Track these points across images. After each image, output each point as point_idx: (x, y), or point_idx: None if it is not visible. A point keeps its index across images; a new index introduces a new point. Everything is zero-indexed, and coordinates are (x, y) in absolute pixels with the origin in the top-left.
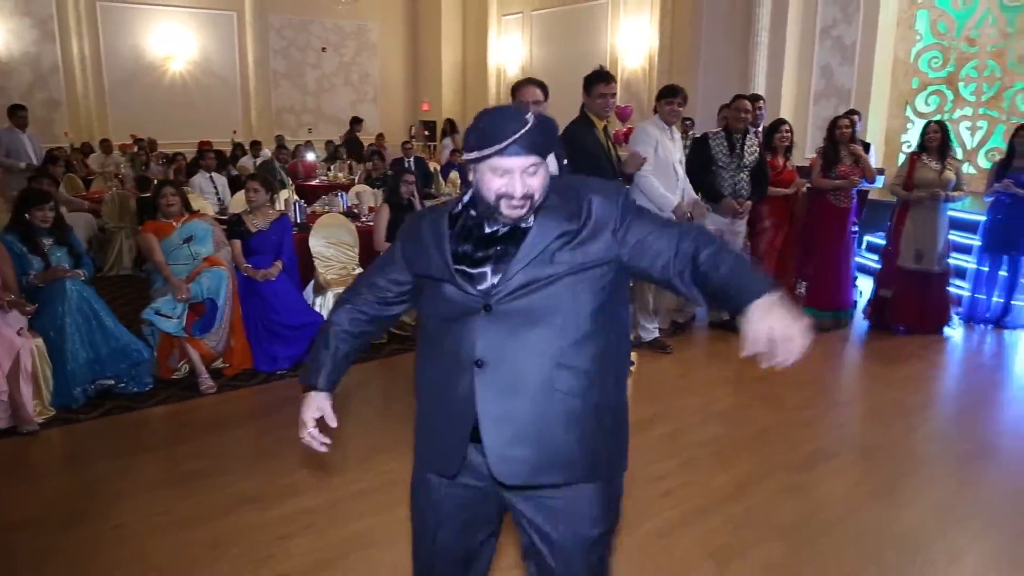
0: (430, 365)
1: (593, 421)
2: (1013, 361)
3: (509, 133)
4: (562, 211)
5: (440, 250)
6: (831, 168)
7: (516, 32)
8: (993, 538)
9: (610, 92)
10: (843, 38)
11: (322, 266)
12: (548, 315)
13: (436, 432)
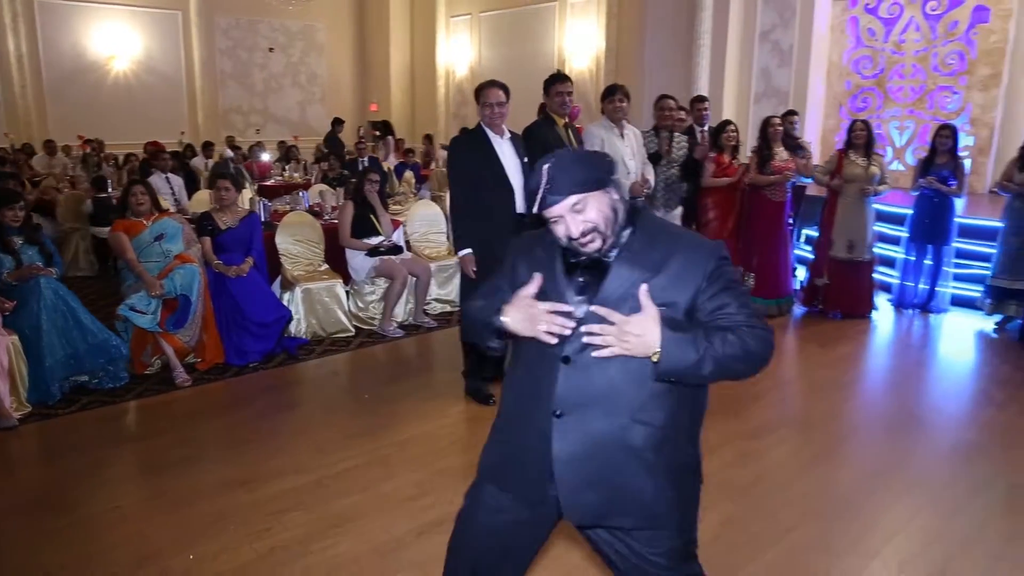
0: (515, 393)
1: (666, 474)
2: (937, 342)
3: (536, 188)
4: (643, 259)
5: (552, 288)
6: (765, 165)
7: (464, 33)
8: (916, 496)
9: (566, 91)
10: (781, 42)
11: (289, 263)
12: (623, 372)
13: (515, 460)
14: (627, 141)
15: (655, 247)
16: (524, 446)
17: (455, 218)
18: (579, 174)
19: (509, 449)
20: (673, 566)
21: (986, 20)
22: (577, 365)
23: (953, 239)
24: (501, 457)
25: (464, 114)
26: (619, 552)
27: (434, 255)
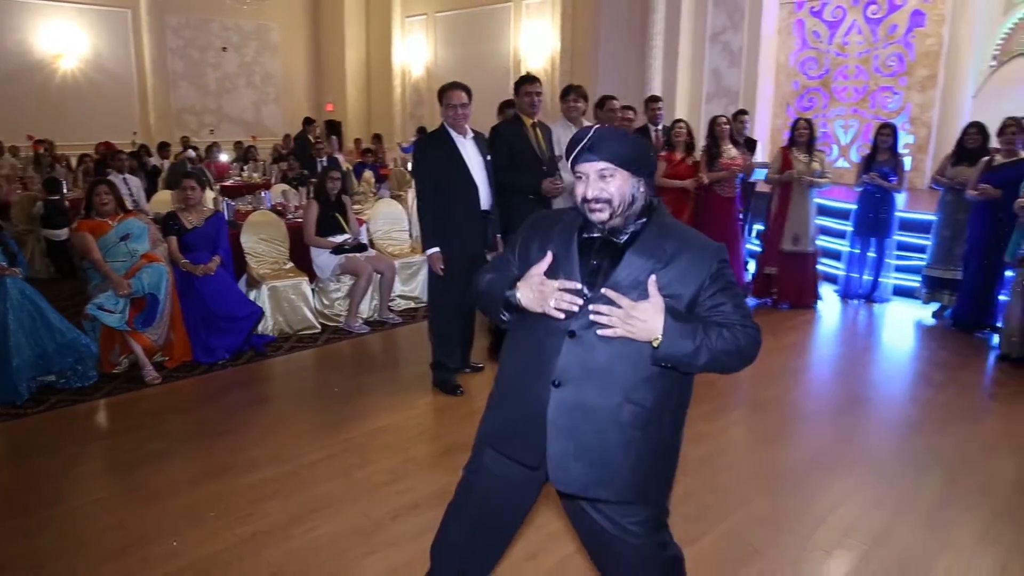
0: (516, 364)
1: (648, 452)
2: (880, 330)
3: (579, 141)
4: (654, 251)
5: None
6: (714, 162)
7: (420, 33)
8: (859, 469)
9: (535, 91)
10: (731, 43)
11: (254, 261)
12: (623, 353)
13: (512, 425)
14: None
15: (666, 241)
16: (523, 413)
17: (422, 217)
18: (621, 149)
19: (508, 415)
20: (646, 534)
21: (922, 24)
22: (581, 340)
23: (894, 232)
24: (500, 423)
25: (420, 114)
26: (594, 529)
27: (397, 252)
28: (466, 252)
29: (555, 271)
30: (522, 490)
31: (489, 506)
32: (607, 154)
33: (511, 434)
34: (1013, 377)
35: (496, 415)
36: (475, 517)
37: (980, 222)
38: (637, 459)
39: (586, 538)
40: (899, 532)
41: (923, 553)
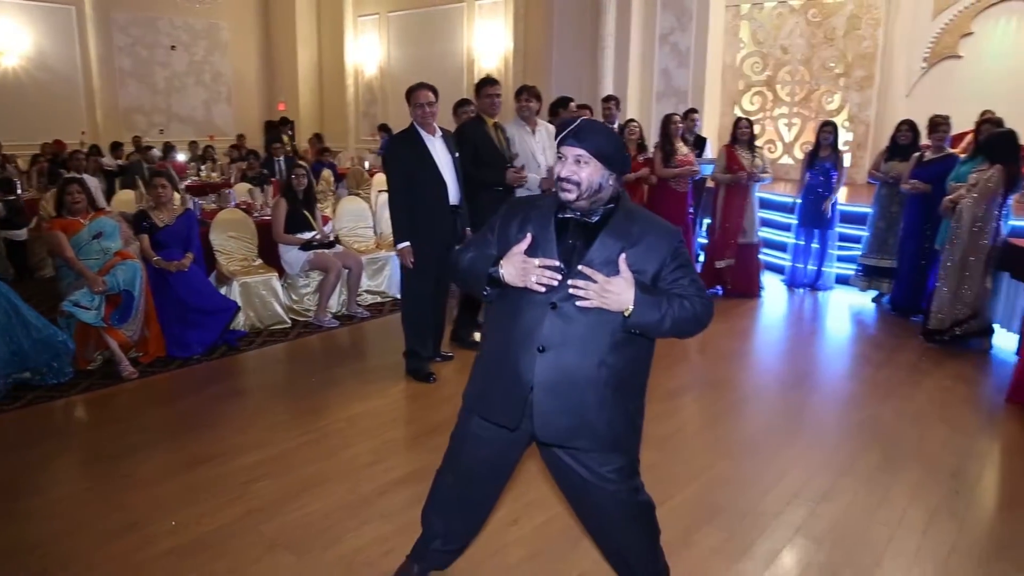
0: (501, 333)
1: (619, 409)
2: (823, 315)
3: (567, 126)
4: (623, 233)
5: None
6: (670, 159)
7: (373, 33)
8: (806, 438)
9: (495, 93)
10: (679, 44)
11: (224, 258)
12: (601, 321)
13: (497, 390)
14: (538, 138)
15: (633, 225)
16: (509, 376)
17: (393, 213)
18: (599, 142)
19: (493, 379)
20: (621, 480)
21: (859, 27)
22: (561, 312)
23: (836, 224)
24: (485, 387)
25: (373, 113)
26: (574, 479)
27: (363, 248)
28: (436, 246)
29: (534, 250)
30: (507, 451)
31: (477, 468)
32: (586, 143)
33: (495, 398)
34: (944, 356)
35: (482, 382)
36: (464, 479)
37: (913, 214)
38: (611, 413)
39: (567, 488)
40: (842, 491)
41: (863, 508)
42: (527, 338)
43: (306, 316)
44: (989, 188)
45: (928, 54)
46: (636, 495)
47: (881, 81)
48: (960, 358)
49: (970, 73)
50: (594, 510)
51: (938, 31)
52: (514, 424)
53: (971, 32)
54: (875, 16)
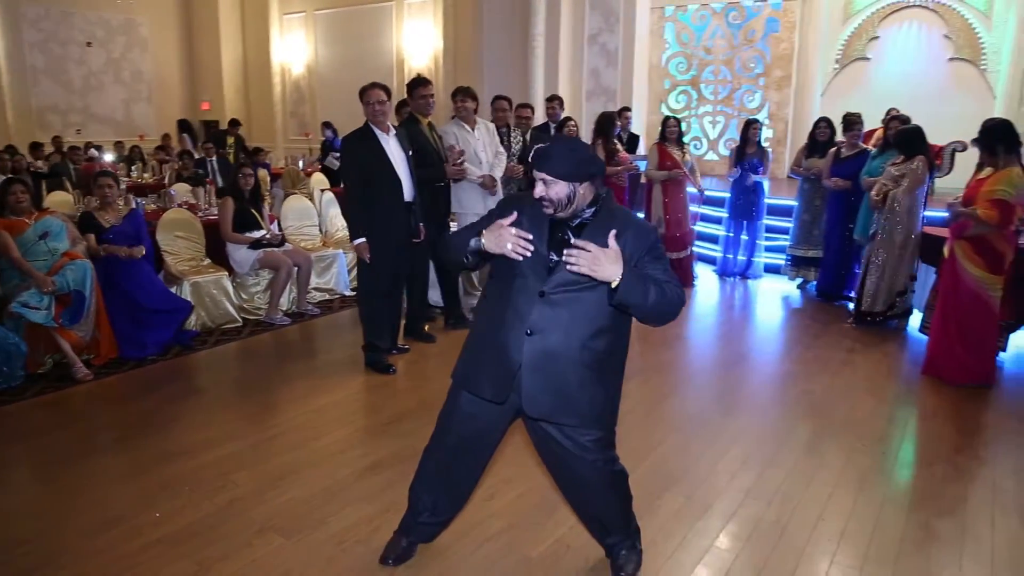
0: (494, 317)
1: (599, 388)
2: (755, 302)
3: (536, 156)
4: (605, 231)
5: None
6: (613, 156)
7: (300, 31)
8: (747, 411)
9: (429, 93)
10: (608, 45)
11: (172, 258)
12: (584, 309)
13: (487, 367)
14: (478, 135)
15: (614, 222)
16: (499, 354)
17: (350, 209)
18: (559, 166)
19: (483, 358)
20: (599, 450)
21: (776, 30)
22: (549, 300)
23: (763, 216)
24: (474, 364)
25: (302, 112)
26: (556, 450)
27: (310, 247)
28: (392, 242)
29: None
30: (493, 426)
31: (464, 442)
32: (546, 170)
33: (486, 374)
34: (867, 335)
35: (472, 361)
36: (451, 453)
37: (836, 207)
38: (592, 392)
39: (549, 459)
40: (784, 457)
41: (804, 471)
42: (517, 322)
43: (257, 315)
44: (918, 177)
45: (840, 56)
46: (612, 465)
47: (798, 81)
48: (881, 337)
49: (877, 73)
50: (574, 479)
51: (848, 35)
52: (502, 398)
53: (877, 36)
54: (791, 19)
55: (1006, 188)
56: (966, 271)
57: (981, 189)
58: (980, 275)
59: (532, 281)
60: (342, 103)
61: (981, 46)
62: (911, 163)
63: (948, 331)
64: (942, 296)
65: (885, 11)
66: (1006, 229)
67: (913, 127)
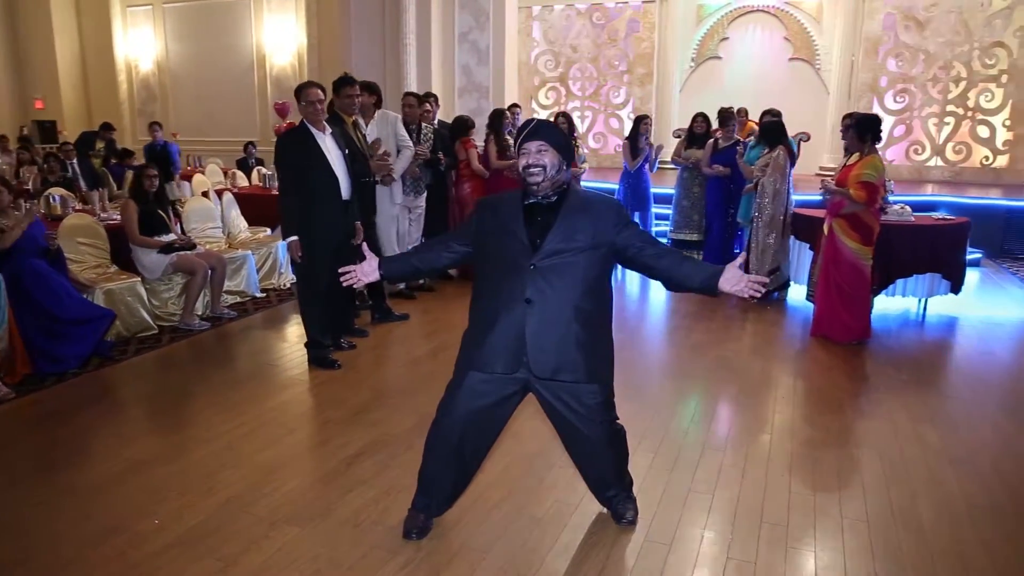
0: (491, 299)
1: (592, 345)
2: (649, 285)
3: (527, 127)
4: (579, 208)
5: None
6: (505, 151)
7: (147, 25)
8: (678, 379)
9: (355, 93)
10: (478, 42)
11: (77, 266)
12: (571, 275)
13: (496, 345)
14: (375, 130)
15: (583, 200)
16: (504, 331)
17: (282, 207)
18: (554, 136)
19: (490, 338)
20: (604, 411)
21: (638, 30)
22: (540, 270)
23: (652, 205)
24: (483, 345)
25: (151, 111)
26: (565, 416)
27: (216, 249)
28: (331, 239)
29: (508, 232)
30: (504, 400)
31: (476, 421)
32: (546, 137)
33: (493, 352)
34: (757, 308)
35: (478, 343)
36: (462, 433)
37: (716, 193)
38: (587, 351)
39: (560, 424)
40: (724, 411)
41: (744, 420)
42: (516, 295)
43: (172, 321)
44: (779, 165)
45: (695, 55)
46: (613, 424)
47: (658, 78)
48: (767, 308)
49: (728, 71)
50: (582, 439)
51: (702, 35)
52: (514, 369)
53: (727, 37)
54: (651, 20)
55: (871, 172)
56: (844, 245)
57: (851, 173)
58: (856, 247)
59: (522, 261)
60: (199, 101)
61: (815, 47)
62: (773, 152)
63: (831, 297)
64: (824, 267)
65: (733, 14)
66: (872, 207)
67: (775, 122)
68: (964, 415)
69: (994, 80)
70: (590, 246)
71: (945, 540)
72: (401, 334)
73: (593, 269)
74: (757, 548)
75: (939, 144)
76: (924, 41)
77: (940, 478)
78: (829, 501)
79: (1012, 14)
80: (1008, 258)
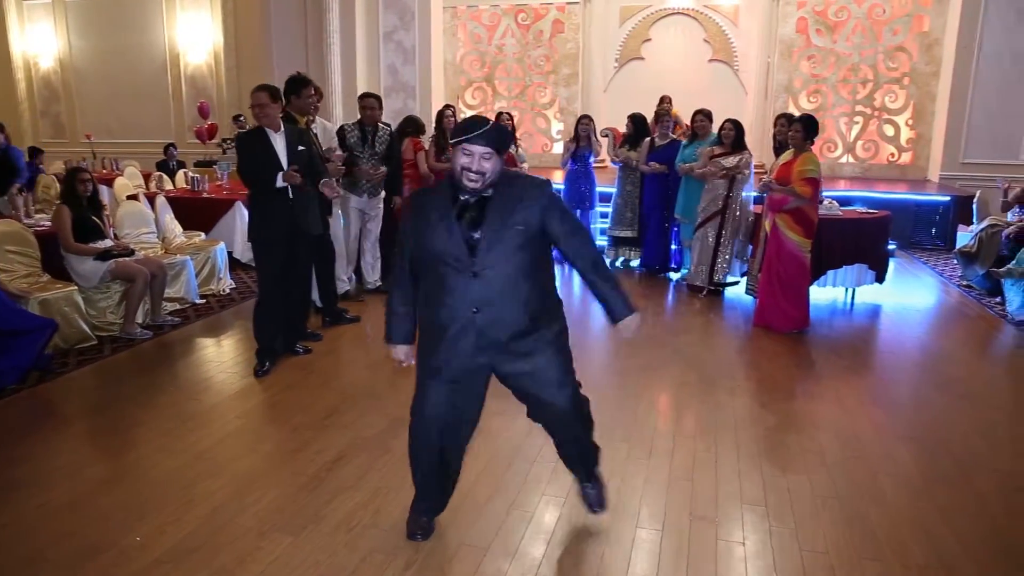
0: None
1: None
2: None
3: (476, 129)
4: (508, 196)
5: (448, 223)
6: (444, 151)
7: (46, 21)
8: (637, 373)
9: (313, 93)
10: (404, 42)
11: (6, 276)
12: (512, 274)
13: (450, 350)
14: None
15: (511, 187)
16: (455, 338)
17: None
18: (501, 141)
19: (443, 345)
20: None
21: (563, 31)
22: (482, 277)
23: (596, 204)
24: (438, 352)
25: (55, 112)
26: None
27: (152, 254)
28: (279, 242)
29: (440, 231)
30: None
31: (450, 424)
32: (494, 144)
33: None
34: (697, 299)
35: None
36: (439, 435)
37: (654, 190)
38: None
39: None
40: (688, 400)
41: (709, 411)
42: (461, 304)
43: (110, 331)
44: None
45: (619, 55)
46: (577, 394)
47: (584, 78)
48: (710, 302)
49: (650, 71)
50: (551, 411)
51: (624, 36)
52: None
53: (650, 38)
54: (575, 21)
55: (813, 167)
56: (788, 238)
57: (793, 169)
58: (799, 240)
59: (462, 264)
60: (109, 102)
61: (733, 49)
62: (742, 156)
63: (774, 290)
64: (768, 261)
65: (654, 16)
66: (815, 201)
67: (740, 125)
68: (904, 395)
69: (897, 82)
70: (524, 232)
71: (907, 510)
72: (354, 336)
73: (532, 256)
74: (743, 530)
75: (850, 142)
76: (834, 44)
77: (894, 454)
78: (800, 482)
79: (911, 20)
80: (918, 248)
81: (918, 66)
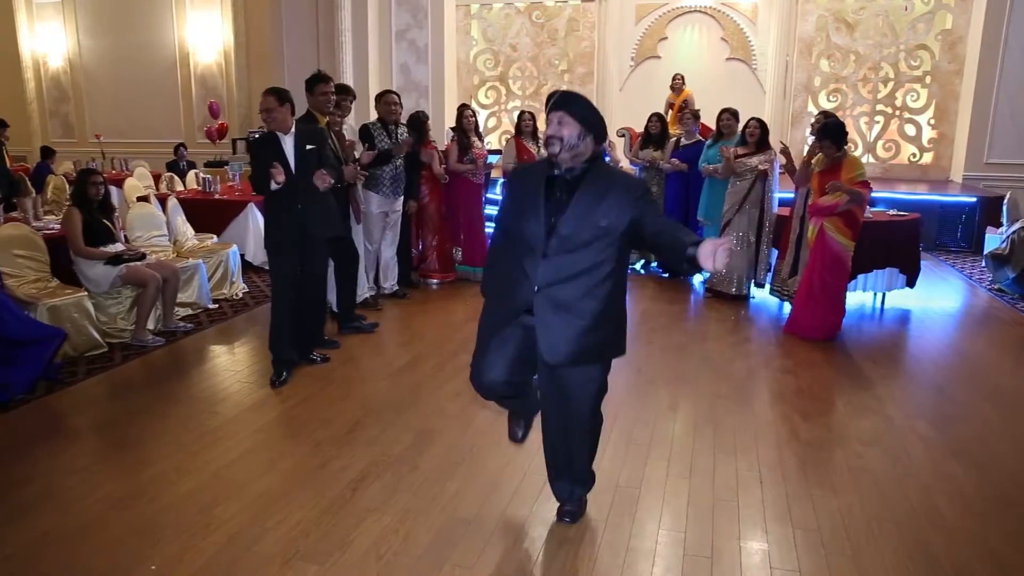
0: (503, 277)
1: (602, 331)
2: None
3: (552, 97)
4: (597, 187)
5: (537, 199)
6: (467, 152)
7: (56, 20)
8: (663, 378)
9: (331, 91)
10: (416, 41)
11: (14, 281)
12: (582, 263)
13: (507, 302)
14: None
15: (603, 180)
16: (511, 295)
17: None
18: (579, 109)
19: (499, 302)
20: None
21: (578, 29)
22: (551, 260)
23: None
24: (498, 320)
25: (64, 112)
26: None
27: (163, 258)
28: (291, 245)
29: (528, 206)
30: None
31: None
32: (569, 109)
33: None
34: (714, 302)
35: (491, 318)
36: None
37: (676, 190)
38: (596, 339)
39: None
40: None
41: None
42: (525, 279)
43: (121, 338)
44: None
45: (634, 54)
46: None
47: (599, 77)
48: (735, 305)
49: (667, 70)
50: (569, 418)
51: (641, 35)
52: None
53: (666, 37)
54: (591, 20)
55: (861, 171)
56: (836, 241)
57: (844, 176)
58: (845, 242)
59: (535, 243)
60: (118, 101)
61: (751, 48)
62: (765, 154)
63: (814, 295)
64: (810, 269)
65: (671, 14)
66: (866, 202)
67: (766, 125)
68: (950, 406)
69: (919, 80)
70: (605, 231)
71: (970, 534)
72: (374, 345)
73: (609, 256)
74: (797, 556)
75: (870, 142)
76: (854, 43)
77: (948, 472)
78: (852, 504)
79: (933, 18)
80: (943, 251)
81: (940, 64)
